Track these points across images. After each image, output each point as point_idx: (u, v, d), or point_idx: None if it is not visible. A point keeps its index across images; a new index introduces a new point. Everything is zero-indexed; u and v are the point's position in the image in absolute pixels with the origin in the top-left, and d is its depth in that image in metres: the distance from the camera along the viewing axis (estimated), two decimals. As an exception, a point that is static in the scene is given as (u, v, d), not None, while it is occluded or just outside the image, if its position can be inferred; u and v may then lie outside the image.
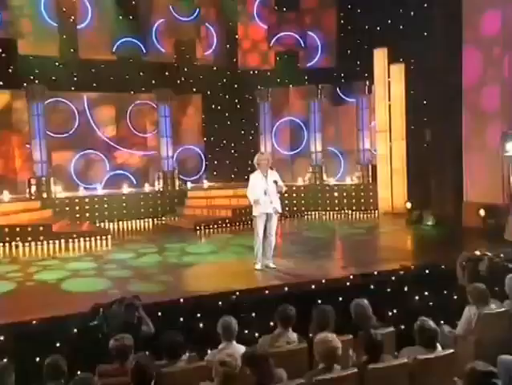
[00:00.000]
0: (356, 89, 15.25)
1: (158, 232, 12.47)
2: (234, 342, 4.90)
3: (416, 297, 7.26)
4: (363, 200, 14.90)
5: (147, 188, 14.76)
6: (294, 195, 14.87)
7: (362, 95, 15.17)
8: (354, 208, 14.91)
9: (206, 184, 15.93)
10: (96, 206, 13.48)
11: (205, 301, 6.46)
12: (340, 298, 6.65)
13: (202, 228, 12.42)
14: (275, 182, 8.09)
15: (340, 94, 16.08)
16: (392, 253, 9.57)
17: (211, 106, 16.55)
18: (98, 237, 11.28)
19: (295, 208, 14.76)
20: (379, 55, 14.22)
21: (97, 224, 12.93)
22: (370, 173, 15.12)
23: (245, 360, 4.05)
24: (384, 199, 14.43)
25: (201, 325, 6.18)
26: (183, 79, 15.85)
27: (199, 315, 6.23)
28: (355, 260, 9.02)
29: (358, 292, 6.83)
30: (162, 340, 4.70)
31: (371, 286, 7.24)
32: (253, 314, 6.34)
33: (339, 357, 4.30)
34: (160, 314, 6.00)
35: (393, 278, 7.39)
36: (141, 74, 15.02)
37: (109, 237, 11.43)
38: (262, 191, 7.99)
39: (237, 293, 6.58)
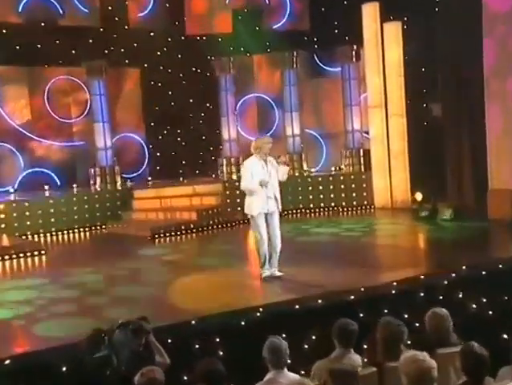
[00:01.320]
0: (340, 55, 15.35)
1: (105, 243, 12.25)
2: (286, 370, 4.76)
3: (474, 306, 7.23)
4: (354, 194, 14.96)
5: (75, 188, 14.44)
6: None
7: (348, 63, 15.31)
8: (343, 203, 14.96)
9: (151, 181, 15.83)
10: (14, 215, 12.96)
11: (222, 320, 6.32)
12: (386, 310, 6.67)
13: (162, 235, 12.31)
14: (279, 162, 8.03)
15: (319, 62, 16.27)
16: (416, 255, 9.67)
17: (150, 82, 16.28)
18: (28, 254, 10.78)
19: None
20: (370, 12, 14.29)
21: (16, 238, 12.28)
22: (362, 160, 15.29)
23: (332, 376, 4.06)
24: (380, 190, 14.58)
25: (221, 352, 5.91)
26: (112, 49, 15.52)
27: (218, 339, 5.96)
28: (376, 264, 9.00)
29: (405, 301, 7.03)
30: (200, 370, 4.41)
31: (421, 294, 7.22)
32: (284, 335, 5.94)
33: (434, 380, 4.11)
34: (169, 340, 5.67)
35: (446, 283, 7.36)
36: (58, 42, 14.63)
37: (43, 252, 10.91)
38: (262, 184, 7.98)
39: (261, 309, 6.41)
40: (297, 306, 6.66)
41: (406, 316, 6.57)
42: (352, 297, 6.95)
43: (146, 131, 16.42)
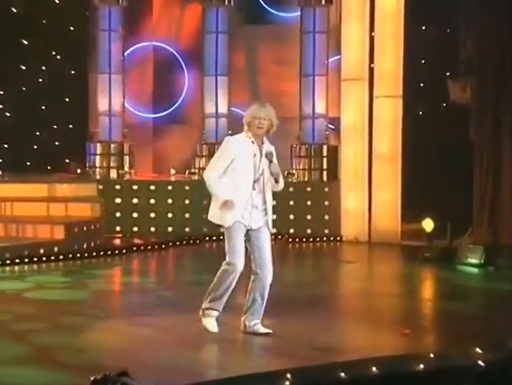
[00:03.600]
0: (299, -6, 15.57)
1: None
2: None
3: None
4: (309, 217, 15.01)
5: None
6: (170, 201, 14.86)
7: (311, 6, 15.31)
8: (291, 231, 14.95)
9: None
10: None
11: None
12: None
13: (8, 262, 11.99)
14: (270, 160, 7.81)
15: (262, 2, 16.24)
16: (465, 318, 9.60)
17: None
18: None
19: (170, 229, 14.75)
20: None
21: None
22: (324, 162, 15.34)
23: None
24: (353, 213, 14.72)
25: None
26: None
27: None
28: (407, 323, 8.96)
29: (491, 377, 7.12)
30: None
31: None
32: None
33: None
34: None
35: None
36: None
37: None
38: (250, 180, 7.83)
39: (289, 375, 6.42)
40: (342, 374, 6.64)
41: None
42: (422, 366, 7.00)
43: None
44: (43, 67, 16.25)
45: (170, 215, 14.88)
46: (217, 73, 15.55)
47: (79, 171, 15.43)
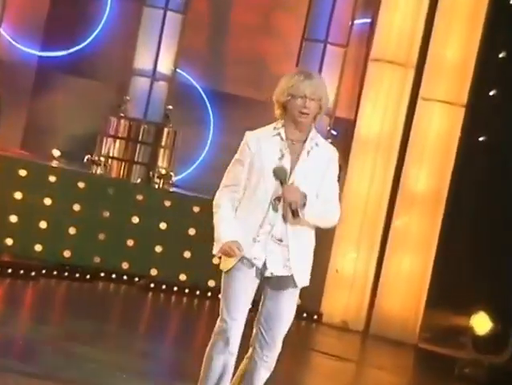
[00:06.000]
0: None
1: None
2: None
3: None
4: None
5: None
6: (48, 201, 15.07)
7: None
8: None
9: None
10: None
11: None
12: None
13: None
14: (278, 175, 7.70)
15: None
16: None
17: None
18: None
19: (39, 248, 14.89)
20: None
21: None
22: None
23: None
24: (346, 281, 14.89)
25: None
26: None
27: None
28: None
29: None
30: None
31: None
32: None
33: None
34: None
35: None
36: None
37: None
38: (268, 195, 7.99)
39: None
40: None
41: None
42: None
43: None
44: None
45: (43, 224, 14.89)
46: (168, 6, 15.56)
47: None
